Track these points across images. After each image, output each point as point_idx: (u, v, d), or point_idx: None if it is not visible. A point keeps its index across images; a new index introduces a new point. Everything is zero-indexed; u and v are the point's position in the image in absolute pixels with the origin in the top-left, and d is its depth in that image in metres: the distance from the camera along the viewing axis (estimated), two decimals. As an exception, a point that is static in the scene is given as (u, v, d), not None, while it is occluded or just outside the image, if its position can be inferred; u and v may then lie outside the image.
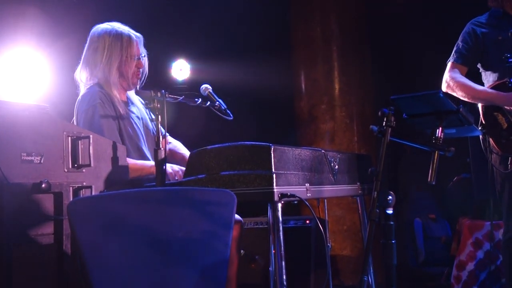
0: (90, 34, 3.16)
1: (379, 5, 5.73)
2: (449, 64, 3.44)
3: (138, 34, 3.18)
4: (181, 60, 5.66)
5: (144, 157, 3.14)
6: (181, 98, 2.96)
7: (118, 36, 3.08)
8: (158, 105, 2.73)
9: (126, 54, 3.08)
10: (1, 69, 4.15)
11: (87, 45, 3.16)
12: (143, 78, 3.25)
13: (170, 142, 3.48)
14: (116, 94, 3.10)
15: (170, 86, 3.37)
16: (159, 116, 2.70)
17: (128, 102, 3.24)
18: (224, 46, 5.83)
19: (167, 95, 2.78)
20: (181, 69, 5.61)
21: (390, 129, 2.24)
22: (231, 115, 3.09)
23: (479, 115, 3.34)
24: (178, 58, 5.60)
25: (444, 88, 3.43)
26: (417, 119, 2.54)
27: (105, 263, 1.90)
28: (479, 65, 3.44)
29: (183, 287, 2.03)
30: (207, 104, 3.02)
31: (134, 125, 3.15)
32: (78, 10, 4.67)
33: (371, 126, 2.24)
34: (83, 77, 3.14)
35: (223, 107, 3.07)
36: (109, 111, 3.01)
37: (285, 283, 2.50)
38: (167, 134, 3.42)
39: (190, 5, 5.67)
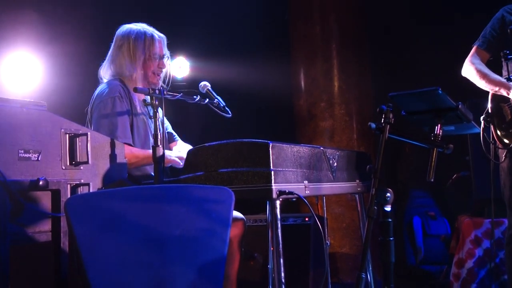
0: (116, 33, 3.23)
1: (379, 3, 5.72)
2: (473, 48, 3.45)
3: (161, 35, 3.24)
4: (181, 57, 5.66)
5: None
6: (180, 95, 2.97)
7: (141, 34, 3.15)
8: (157, 102, 2.73)
9: (149, 53, 3.14)
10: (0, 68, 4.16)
11: (112, 43, 3.23)
12: (167, 81, 3.30)
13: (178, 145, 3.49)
14: None
15: (169, 83, 3.39)
16: (157, 113, 2.71)
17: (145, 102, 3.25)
18: (223, 44, 5.83)
19: (165, 92, 2.79)
20: (180, 67, 5.61)
21: (388, 126, 2.23)
22: (230, 113, 3.09)
23: (481, 112, 3.35)
24: (178, 56, 5.61)
25: (462, 71, 3.45)
26: (415, 116, 2.53)
27: (102, 260, 1.90)
28: (501, 54, 3.42)
29: (180, 284, 2.03)
30: (206, 101, 3.02)
31: (146, 125, 3.17)
32: (76, 9, 4.67)
33: (369, 123, 2.23)
34: (107, 74, 3.21)
35: (221, 105, 3.08)
36: (125, 106, 3.07)
37: (283, 280, 2.49)
38: (178, 137, 3.46)
39: (190, 2, 5.67)
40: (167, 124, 3.47)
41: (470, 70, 3.38)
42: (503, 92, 3.21)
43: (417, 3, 5.76)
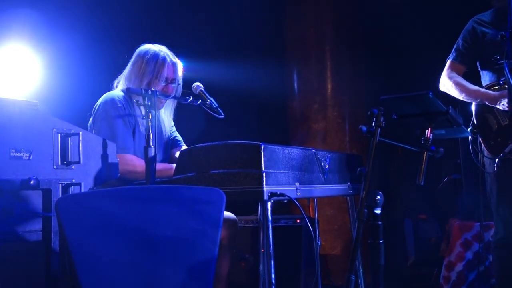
0: (136, 50, 3.36)
1: (373, 5, 5.73)
2: (447, 63, 3.45)
3: (175, 60, 3.33)
4: (174, 58, 5.65)
5: None
6: (172, 96, 2.99)
7: (155, 56, 3.27)
8: (149, 103, 2.74)
9: (157, 75, 3.23)
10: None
11: (131, 59, 3.36)
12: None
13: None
14: None
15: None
16: (150, 114, 2.71)
17: None
18: (217, 45, 5.83)
19: (158, 93, 2.80)
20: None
21: (379, 129, 2.24)
22: (222, 114, 3.11)
23: (471, 115, 3.36)
24: (171, 56, 5.59)
25: (440, 86, 3.45)
26: (406, 119, 2.55)
27: (92, 260, 1.90)
28: (477, 64, 3.44)
29: (170, 285, 2.03)
30: (198, 102, 3.03)
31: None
32: (71, 8, 4.67)
33: (360, 126, 2.25)
34: (120, 84, 3.33)
35: (214, 106, 3.09)
36: (127, 116, 3.15)
37: (273, 282, 2.50)
38: (183, 143, 3.50)
39: (184, 4, 5.67)
40: (173, 129, 3.51)
41: (448, 85, 3.39)
42: (486, 102, 3.23)
43: (412, 6, 5.78)
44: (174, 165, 3.17)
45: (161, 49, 3.32)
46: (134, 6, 5.01)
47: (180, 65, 3.39)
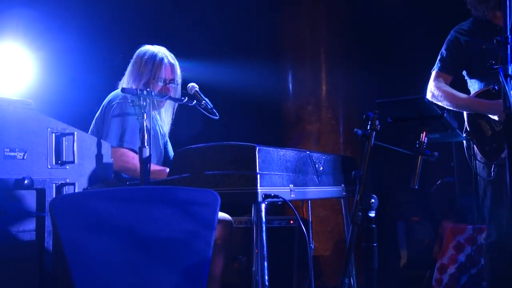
0: (137, 50, 3.44)
1: (369, 7, 5.74)
2: (433, 73, 3.45)
3: (172, 61, 3.38)
4: (169, 58, 5.63)
5: None
6: (167, 96, 3.00)
7: (153, 56, 3.33)
8: (144, 103, 2.74)
9: (154, 75, 3.29)
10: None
11: (132, 59, 3.44)
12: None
13: None
14: None
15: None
16: (145, 114, 2.71)
17: None
18: (212, 46, 5.82)
19: (153, 93, 2.80)
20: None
21: (374, 133, 2.25)
22: (217, 115, 3.11)
23: (464, 121, 3.36)
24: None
25: (428, 97, 3.42)
26: (401, 123, 2.55)
27: (86, 261, 1.90)
28: (464, 73, 3.45)
29: (164, 286, 2.03)
30: (194, 103, 3.03)
31: (155, 134, 3.31)
32: (66, 7, 4.66)
33: (355, 130, 2.25)
34: (124, 85, 3.38)
35: (209, 106, 3.09)
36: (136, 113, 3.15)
37: (267, 283, 2.50)
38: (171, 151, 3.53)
39: (179, 4, 5.66)
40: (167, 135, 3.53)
41: (436, 95, 3.38)
42: (480, 111, 3.24)
43: (409, 8, 5.78)
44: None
45: (159, 50, 3.37)
46: (129, 5, 5.00)
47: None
